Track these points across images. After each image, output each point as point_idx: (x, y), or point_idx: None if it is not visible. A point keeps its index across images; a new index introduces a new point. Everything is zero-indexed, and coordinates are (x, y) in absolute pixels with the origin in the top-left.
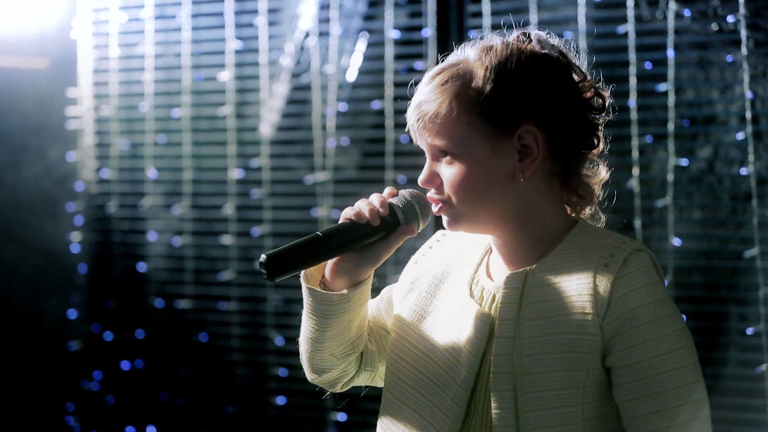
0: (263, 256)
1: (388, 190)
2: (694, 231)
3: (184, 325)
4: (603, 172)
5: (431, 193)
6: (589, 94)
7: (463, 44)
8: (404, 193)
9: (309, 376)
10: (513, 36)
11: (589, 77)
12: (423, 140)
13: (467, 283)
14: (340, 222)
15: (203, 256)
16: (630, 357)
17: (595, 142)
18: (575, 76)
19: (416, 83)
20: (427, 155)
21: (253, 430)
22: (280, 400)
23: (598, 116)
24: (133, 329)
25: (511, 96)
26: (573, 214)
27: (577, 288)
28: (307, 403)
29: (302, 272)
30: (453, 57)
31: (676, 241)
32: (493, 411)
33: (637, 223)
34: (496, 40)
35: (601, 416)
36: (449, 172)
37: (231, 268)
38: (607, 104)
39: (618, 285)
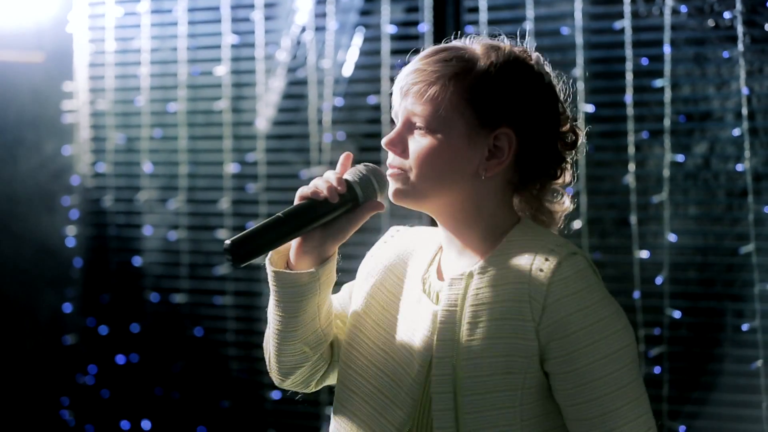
0: (227, 242)
1: (342, 160)
2: (690, 227)
3: (180, 319)
4: (567, 203)
5: (391, 159)
6: (565, 128)
7: (470, 36)
8: (359, 167)
9: (277, 380)
10: (517, 47)
11: (568, 113)
12: (404, 105)
13: (420, 279)
14: (296, 202)
15: (199, 251)
16: (568, 364)
17: (559, 173)
18: (558, 107)
19: (416, 52)
20: (400, 122)
21: (248, 425)
22: (275, 395)
23: (567, 151)
24: (129, 323)
25: (503, 96)
26: (519, 213)
27: (513, 292)
28: (302, 397)
29: (267, 260)
30: (458, 42)
31: (672, 237)
32: (434, 412)
33: (633, 219)
34: (503, 42)
35: (540, 415)
36: (419, 142)
37: (226, 262)
38: (578, 143)
39: (552, 290)
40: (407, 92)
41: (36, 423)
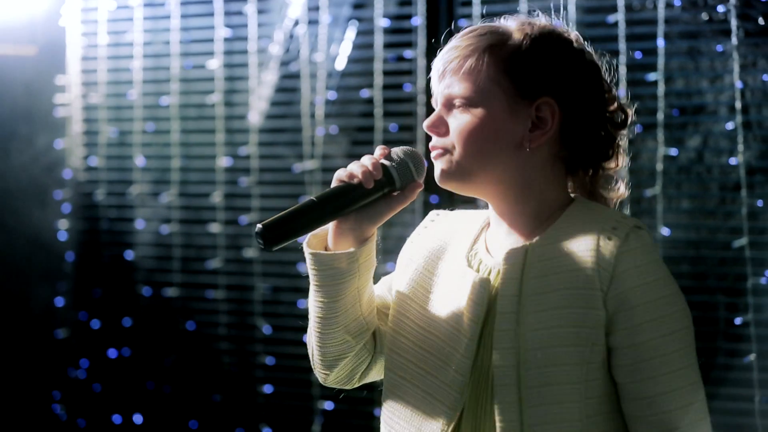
0: (259, 226)
1: (379, 150)
2: (683, 221)
3: (172, 313)
4: (622, 189)
5: (434, 141)
6: (612, 108)
7: (504, 16)
8: (397, 151)
9: (321, 375)
10: (555, 23)
11: (614, 92)
12: (442, 86)
13: (464, 256)
14: (332, 185)
15: (191, 245)
16: (633, 337)
17: (610, 153)
18: (602, 85)
19: (450, 35)
20: (439, 105)
21: (240, 419)
22: (267, 389)
23: (617, 130)
24: (121, 317)
25: (541, 65)
26: (572, 194)
27: (580, 262)
28: (295, 391)
29: (305, 243)
30: (492, 21)
31: (665, 231)
32: (496, 386)
33: (627, 213)
34: (541, 18)
35: (601, 395)
36: (460, 119)
37: (219, 256)
38: (629, 121)
39: (621, 259)
40: (443, 72)
41: (28, 417)
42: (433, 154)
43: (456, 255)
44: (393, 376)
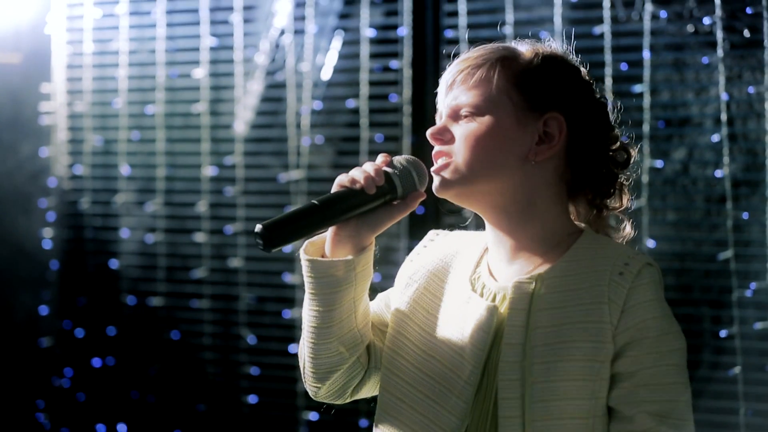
0: (259, 226)
1: (381, 158)
2: (669, 233)
3: (156, 322)
4: (627, 229)
5: (437, 147)
6: (615, 147)
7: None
8: (400, 159)
9: (313, 388)
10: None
11: (618, 132)
12: (449, 98)
13: (468, 279)
14: (334, 190)
15: (176, 254)
16: (635, 364)
17: (612, 192)
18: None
19: (455, 55)
20: (444, 116)
21: (225, 429)
22: (252, 399)
23: (619, 170)
24: (105, 326)
25: (550, 81)
26: (578, 224)
27: (590, 296)
28: (279, 402)
29: (302, 250)
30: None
31: (650, 243)
32: (500, 418)
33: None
34: (552, 43)
35: (604, 428)
36: (466, 127)
37: (204, 265)
38: (631, 161)
39: (632, 294)
40: (452, 83)
41: (11, 426)
42: (436, 165)
43: (459, 278)
44: (389, 397)
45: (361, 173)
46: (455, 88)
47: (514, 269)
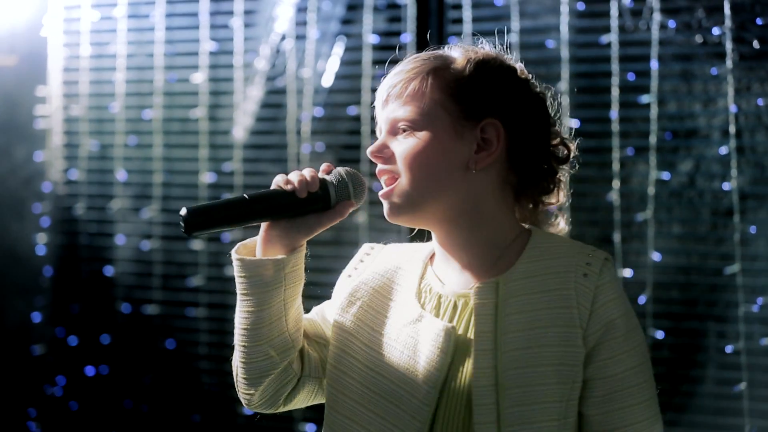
0: (184, 209)
1: (323, 166)
2: (674, 246)
3: (151, 330)
4: (561, 224)
5: (380, 166)
6: (555, 141)
7: (448, 45)
8: (340, 170)
9: (246, 396)
10: (500, 53)
11: (558, 127)
12: (386, 112)
13: (414, 295)
14: (270, 188)
15: (172, 261)
16: (607, 369)
17: (551, 187)
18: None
19: (393, 62)
20: (384, 131)
21: None
22: (248, 410)
23: (559, 164)
24: (99, 334)
25: (484, 88)
26: (526, 225)
27: (558, 299)
28: (275, 413)
29: (233, 250)
30: (436, 50)
31: (656, 256)
32: (475, 424)
33: (617, 237)
34: (485, 46)
35: (576, 430)
36: (405, 143)
37: (200, 273)
38: (571, 156)
39: (598, 295)
40: (387, 98)
41: None
42: (382, 191)
43: (405, 294)
44: (337, 416)
45: (296, 176)
46: (391, 102)
47: (466, 277)
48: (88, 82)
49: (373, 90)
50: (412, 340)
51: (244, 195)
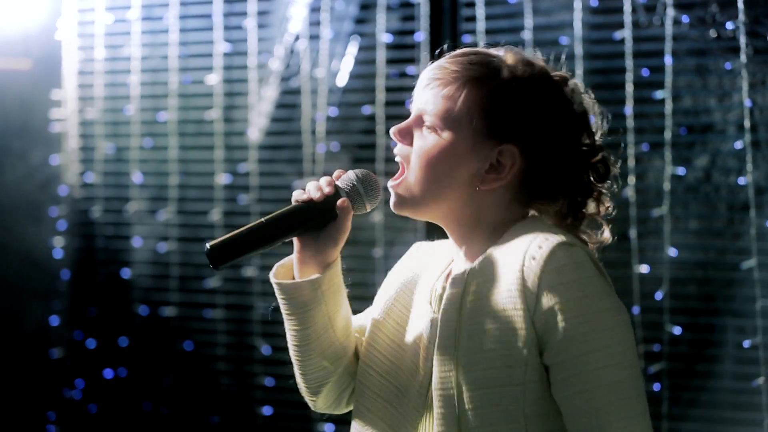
0: (207, 245)
1: (336, 173)
2: (691, 241)
3: (169, 332)
4: (606, 234)
5: (397, 149)
6: (596, 159)
7: (508, 46)
8: (350, 174)
9: (310, 402)
10: (556, 71)
11: (599, 143)
12: (420, 98)
13: (428, 290)
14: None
15: (189, 263)
16: (561, 353)
17: (591, 203)
18: (586, 138)
19: (449, 49)
20: (413, 114)
21: None
22: (267, 410)
23: (598, 182)
24: (117, 337)
25: (517, 112)
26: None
27: (508, 282)
28: (294, 413)
29: (271, 273)
30: (492, 50)
31: (672, 252)
32: (436, 411)
33: (633, 233)
34: (539, 60)
35: (543, 414)
36: (424, 139)
37: (217, 275)
38: (609, 175)
39: (544, 278)
40: (426, 86)
41: None
42: (391, 180)
43: (421, 290)
44: (359, 406)
45: (311, 185)
46: (427, 91)
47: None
48: (103, 85)
49: (387, 89)
50: (418, 333)
51: (261, 219)
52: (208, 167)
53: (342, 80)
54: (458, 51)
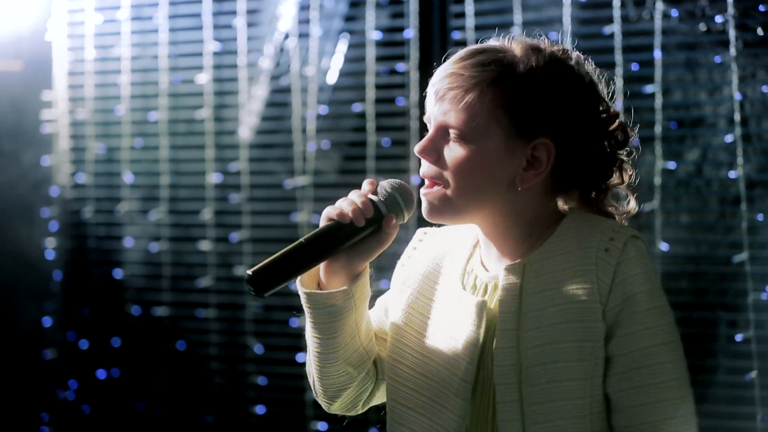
0: (248, 272)
1: (367, 186)
2: (682, 235)
3: (162, 332)
4: (632, 203)
5: (425, 169)
6: (613, 126)
7: (508, 36)
8: (385, 185)
9: (324, 404)
10: (556, 47)
11: (614, 109)
12: (438, 109)
13: (459, 277)
14: (322, 224)
15: (181, 263)
16: (627, 345)
17: (614, 173)
18: (601, 107)
19: (449, 56)
20: (432, 128)
21: None
22: (260, 410)
23: (618, 150)
24: (110, 337)
25: (542, 104)
26: (567, 206)
27: (579, 275)
28: (287, 412)
29: (298, 281)
30: (497, 43)
31: (664, 246)
32: (498, 404)
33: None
34: (544, 43)
35: (602, 411)
36: (455, 152)
37: (209, 274)
38: (629, 140)
39: (619, 270)
40: (442, 97)
41: None
42: (423, 190)
43: (451, 278)
44: (395, 405)
45: (349, 206)
46: (445, 102)
47: (504, 262)
48: (94, 86)
49: (377, 87)
50: (453, 320)
51: (301, 240)
52: (199, 166)
53: (332, 78)
54: (464, 52)
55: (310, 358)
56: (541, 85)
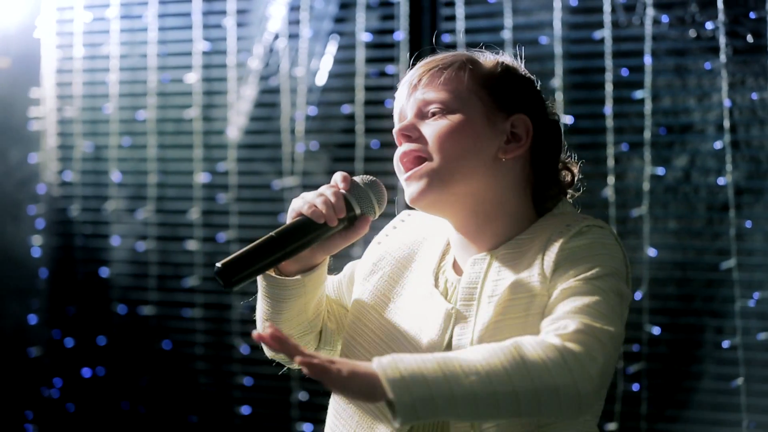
0: (217, 265)
1: (341, 181)
2: (670, 241)
3: (147, 332)
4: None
5: (407, 145)
6: (559, 166)
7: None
8: (357, 181)
9: (266, 352)
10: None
11: (556, 114)
12: (414, 97)
13: (432, 272)
14: (292, 218)
15: (168, 262)
16: (561, 283)
17: (567, 182)
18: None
19: (420, 56)
20: (411, 113)
21: None
22: (245, 410)
23: (567, 185)
24: (95, 336)
25: (514, 88)
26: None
27: (530, 258)
28: (273, 412)
29: None
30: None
31: (652, 252)
32: None
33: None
34: (506, 55)
35: None
36: (437, 124)
37: (196, 274)
38: (574, 181)
39: (565, 246)
40: (417, 84)
41: None
42: (404, 173)
43: (423, 268)
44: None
45: (322, 204)
46: (420, 88)
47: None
48: (82, 84)
49: (367, 88)
50: (421, 316)
51: (272, 234)
52: (186, 166)
53: (321, 79)
54: (434, 55)
55: (258, 315)
56: (509, 74)
